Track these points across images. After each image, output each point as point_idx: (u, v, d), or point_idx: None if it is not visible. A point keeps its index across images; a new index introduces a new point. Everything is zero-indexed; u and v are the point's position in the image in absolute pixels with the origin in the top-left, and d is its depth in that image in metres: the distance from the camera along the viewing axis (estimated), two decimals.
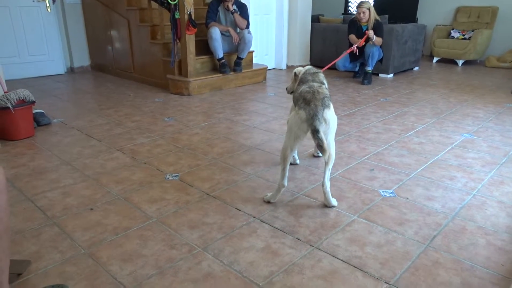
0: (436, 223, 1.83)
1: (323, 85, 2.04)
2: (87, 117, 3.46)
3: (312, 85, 1.94)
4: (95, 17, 5.36)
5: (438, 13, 7.11)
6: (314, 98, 1.82)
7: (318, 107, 1.79)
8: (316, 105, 1.80)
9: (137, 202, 2.00)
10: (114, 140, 2.89)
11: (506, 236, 1.74)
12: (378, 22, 4.80)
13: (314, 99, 1.82)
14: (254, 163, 2.49)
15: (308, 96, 1.84)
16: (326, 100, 1.85)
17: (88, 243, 1.67)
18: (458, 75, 5.58)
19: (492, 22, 6.43)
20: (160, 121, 3.35)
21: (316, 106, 1.79)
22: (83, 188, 2.16)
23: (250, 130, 3.13)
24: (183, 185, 2.20)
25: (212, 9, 4.52)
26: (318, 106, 1.79)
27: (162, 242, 1.67)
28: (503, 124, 3.29)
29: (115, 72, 5.36)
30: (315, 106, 1.79)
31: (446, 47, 6.50)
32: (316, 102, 1.81)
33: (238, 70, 4.66)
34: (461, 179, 2.28)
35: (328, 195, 1.95)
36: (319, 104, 1.80)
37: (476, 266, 1.54)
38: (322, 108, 1.80)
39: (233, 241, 1.69)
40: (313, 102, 1.81)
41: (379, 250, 1.63)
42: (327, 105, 1.83)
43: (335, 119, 1.91)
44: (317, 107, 1.79)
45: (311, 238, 1.71)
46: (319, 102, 1.81)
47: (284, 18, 5.74)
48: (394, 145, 2.82)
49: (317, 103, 1.80)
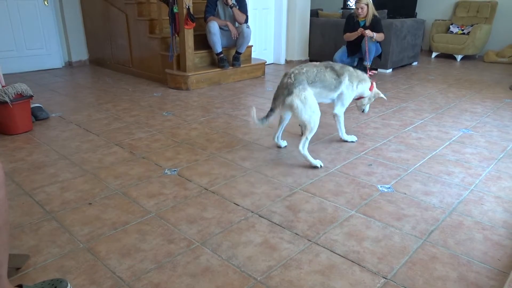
0: (433, 218, 1.84)
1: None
2: (85, 111, 3.45)
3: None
4: (93, 11, 5.33)
5: (437, 8, 7.09)
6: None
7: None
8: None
9: (136, 197, 2.01)
10: (112, 134, 2.89)
11: (503, 231, 1.75)
12: (376, 17, 4.79)
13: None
14: (252, 158, 2.49)
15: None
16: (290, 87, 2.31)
17: (86, 237, 1.67)
18: (457, 70, 5.58)
19: (491, 17, 6.41)
20: (159, 115, 3.35)
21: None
22: (82, 182, 2.16)
23: (248, 125, 3.13)
24: (182, 180, 2.20)
25: (210, 3, 4.49)
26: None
27: (160, 237, 1.68)
28: (501, 119, 3.30)
29: (113, 66, 5.34)
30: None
31: (445, 42, 6.49)
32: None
33: (236, 65, 4.65)
34: (459, 174, 2.29)
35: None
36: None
37: (472, 260, 1.55)
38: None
39: (231, 235, 1.69)
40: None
41: (377, 245, 1.64)
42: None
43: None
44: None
45: (309, 233, 1.71)
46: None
47: (283, 13, 5.72)
48: (392, 140, 2.83)
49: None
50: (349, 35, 4.90)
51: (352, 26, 4.87)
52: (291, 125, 2.82)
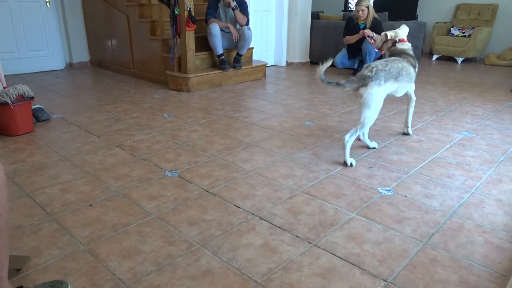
0: (434, 221, 1.84)
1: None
2: (87, 113, 3.46)
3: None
4: (95, 13, 5.35)
5: (438, 11, 7.10)
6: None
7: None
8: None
9: (136, 199, 2.01)
10: (113, 136, 2.89)
11: (504, 234, 1.75)
12: (376, 20, 4.81)
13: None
14: (253, 160, 2.49)
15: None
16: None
17: (87, 239, 1.67)
18: (458, 73, 5.58)
19: (492, 20, 6.42)
20: (159, 117, 3.35)
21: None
22: (82, 184, 2.16)
23: (249, 127, 3.13)
24: (182, 181, 2.20)
25: (212, 5, 4.51)
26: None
27: (161, 239, 1.68)
28: (502, 122, 3.30)
29: (114, 68, 5.35)
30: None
31: (446, 45, 6.49)
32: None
33: (237, 67, 4.66)
34: (460, 177, 2.29)
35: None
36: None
37: (473, 264, 1.55)
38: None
39: (232, 238, 1.69)
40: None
41: (377, 248, 1.64)
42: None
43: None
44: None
45: (309, 236, 1.71)
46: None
47: (284, 15, 5.73)
48: (393, 142, 2.83)
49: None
50: (349, 38, 4.93)
51: (352, 29, 4.89)
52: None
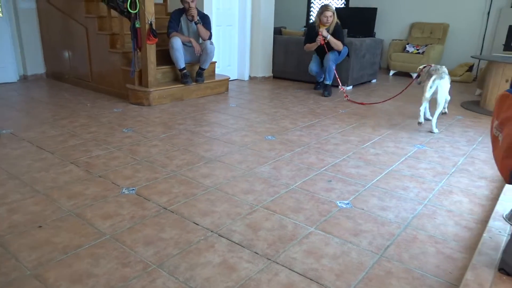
0: (389, 233, 1.89)
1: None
2: (40, 128, 3.31)
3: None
4: (51, 24, 5.18)
5: (394, 29, 7.44)
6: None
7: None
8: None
9: (90, 218, 1.93)
10: (68, 152, 2.78)
11: (454, 244, 1.82)
12: (338, 25, 4.91)
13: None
14: (214, 176, 2.47)
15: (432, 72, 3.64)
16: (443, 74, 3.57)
17: (34, 263, 1.58)
18: (413, 88, 5.80)
19: (443, 38, 6.80)
20: (118, 132, 3.27)
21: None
22: (32, 204, 2.05)
23: (210, 141, 3.11)
24: (140, 199, 2.14)
25: (174, 19, 4.49)
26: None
27: (115, 260, 1.61)
28: (453, 136, 3.47)
29: (71, 81, 5.18)
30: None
31: (402, 61, 6.79)
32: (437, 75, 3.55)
33: (200, 81, 4.64)
34: (414, 189, 2.37)
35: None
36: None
37: (426, 274, 1.60)
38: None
39: (190, 256, 1.66)
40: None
41: (335, 262, 1.65)
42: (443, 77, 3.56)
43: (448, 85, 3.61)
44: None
45: (268, 252, 1.71)
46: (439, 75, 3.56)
47: (246, 30, 5.79)
48: (351, 156, 2.89)
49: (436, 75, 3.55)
50: (309, 46, 5.04)
51: (313, 37, 4.96)
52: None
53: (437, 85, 3.52)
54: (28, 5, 5.19)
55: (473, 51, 6.69)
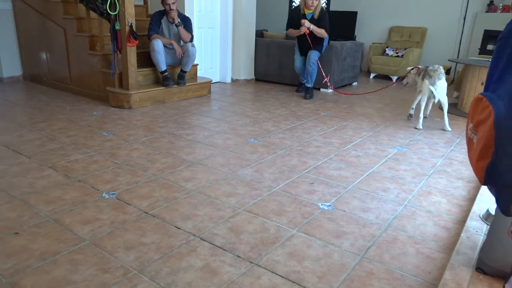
0: (370, 234, 1.91)
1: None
2: (16, 131, 3.23)
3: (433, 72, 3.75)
4: (28, 25, 5.06)
5: (374, 32, 7.56)
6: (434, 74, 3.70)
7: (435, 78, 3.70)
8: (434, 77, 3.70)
9: (69, 224, 1.89)
10: (46, 156, 2.72)
11: (433, 244, 1.85)
12: (323, 10, 4.88)
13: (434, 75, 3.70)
14: (196, 179, 2.45)
15: (431, 73, 3.74)
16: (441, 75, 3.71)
17: (10, 271, 1.53)
18: (393, 90, 5.94)
19: (422, 41, 6.95)
20: (98, 135, 3.21)
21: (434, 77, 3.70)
22: (8, 210, 2.00)
23: (192, 144, 3.09)
24: (120, 203, 2.11)
25: (155, 21, 4.45)
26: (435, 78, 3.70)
27: (94, 266, 1.58)
28: (431, 137, 3.54)
29: (50, 83, 5.07)
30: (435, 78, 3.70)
31: (382, 64, 6.91)
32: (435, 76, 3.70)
33: (181, 83, 4.61)
34: (394, 191, 2.41)
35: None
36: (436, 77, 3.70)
37: (406, 275, 1.62)
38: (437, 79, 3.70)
39: (171, 261, 1.64)
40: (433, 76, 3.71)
41: (317, 264, 1.66)
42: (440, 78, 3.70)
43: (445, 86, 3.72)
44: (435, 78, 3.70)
45: (251, 255, 1.70)
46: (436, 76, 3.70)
47: (228, 32, 5.79)
48: (333, 158, 2.92)
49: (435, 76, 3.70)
50: (292, 32, 4.98)
51: (296, 21, 4.88)
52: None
53: (438, 86, 3.69)
54: (3, 5, 5.06)
55: (450, 54, 6.86)
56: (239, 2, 5.69)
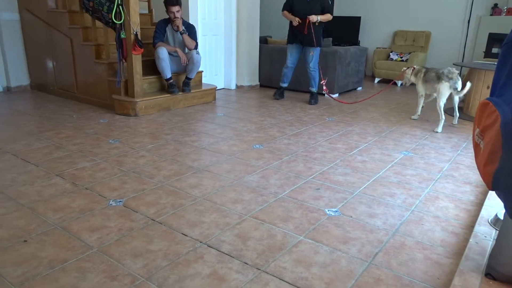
0: (378, 240, 1.90)
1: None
2: (24, 140, 3.26)
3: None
4: (35, 35, 5.12)
5: (378, 37, 7.57)
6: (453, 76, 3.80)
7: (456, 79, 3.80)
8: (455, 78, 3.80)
9: (77, 231, 1.90)
10: (53, 164, 2.74)
11: (441, 249, 1.84)
12: None
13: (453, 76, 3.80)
14: (202, 186, 2.46)
15: (450, 75, 3.81)
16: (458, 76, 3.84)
17: (20, 279, 1.54)
18: (398, 95, 5.93)
19: (426, 46, 6.94)
20: (105, 143, 3.23)
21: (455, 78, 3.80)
22: (17, 218, 2.01)
23: (198, 151, 3.10)
24: (127, 211, 2.12)
25: (159, 29, 4.49)
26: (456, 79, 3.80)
27: (102, 274, 1.59)
28: (438, 142, 3.53)
29: (56, 92, 5.12)
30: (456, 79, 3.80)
31: (386, 69, 6.91)
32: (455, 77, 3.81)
33: (186, 90, 4.64)
34: (401, 196, 2.40)
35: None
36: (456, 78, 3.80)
37: (414, 281, 1.61)
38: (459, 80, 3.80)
39: (179, 268, 1.64)
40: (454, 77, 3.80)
41: (325, 270, 1.66)
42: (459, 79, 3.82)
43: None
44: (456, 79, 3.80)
45: (258, 262, 1.70)
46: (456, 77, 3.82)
47: (232, 39, 5.83)
48: (339, 163, 2.92)
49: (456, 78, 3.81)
50: (288, 16, 4.85)
51: (292, 2, 4.76)
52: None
53: (459, 84, 3.80)
54: (11, 16, 5.13)
55: (455, 58, 6.85)
56: (243, 9, 5.73)
